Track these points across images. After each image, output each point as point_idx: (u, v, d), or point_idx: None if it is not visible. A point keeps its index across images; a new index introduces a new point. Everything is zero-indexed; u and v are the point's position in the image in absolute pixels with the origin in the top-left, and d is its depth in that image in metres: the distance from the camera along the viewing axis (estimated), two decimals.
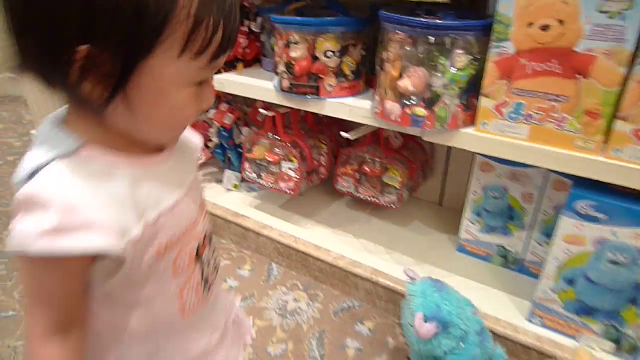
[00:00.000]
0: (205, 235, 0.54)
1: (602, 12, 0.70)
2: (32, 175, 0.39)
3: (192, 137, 0.57)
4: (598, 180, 0.80)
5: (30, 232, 0.38)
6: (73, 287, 0.43)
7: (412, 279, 0.88)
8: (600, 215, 0.82)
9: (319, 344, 1.07)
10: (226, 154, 1.55)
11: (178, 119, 0.45)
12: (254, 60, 1.40)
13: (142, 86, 0.39)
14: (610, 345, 0.92)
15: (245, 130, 1.52)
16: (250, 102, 1.52)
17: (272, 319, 1.15)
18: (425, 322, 0.78)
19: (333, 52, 1.02)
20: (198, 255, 0.52)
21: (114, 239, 0.40)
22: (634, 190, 0.79)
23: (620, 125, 0.75)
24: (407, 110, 0.90)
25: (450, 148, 1.37)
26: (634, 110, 0.73)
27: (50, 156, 0.40)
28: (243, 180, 1.53)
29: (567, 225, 0.86)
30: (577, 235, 0.86)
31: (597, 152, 0.79)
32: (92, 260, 0.42)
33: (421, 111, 0.88)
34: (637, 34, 0.69)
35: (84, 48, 0.36)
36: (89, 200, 0.39)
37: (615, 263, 0.84)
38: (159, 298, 0.49)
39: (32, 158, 0.40)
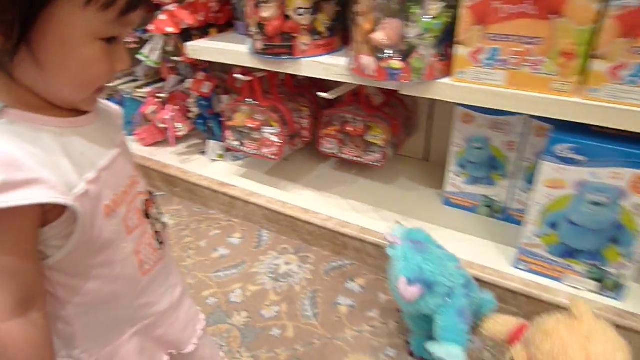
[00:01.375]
0: (149, 193, 0.55)
1: None
2: None
3: (112, 105, 0.56)
4: (576, 122, 0.79)
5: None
6: (27, 251, 0.42)
7: (392, 243, 0.88)
8: (579, 157, 0.82)
9: (312, 304, 1.09)
10: (207, 124, 1.53)
11: (88, 76, 0.43)
12: (228, 24, 1.36)
13: (47, 36, 0.38)
14: (594, 285, 0.94)
15: (225, 98, 1.49)
16: (228, 69, 1.48)
17: (264, 282, 1.16)
18: (409, 285, 0.79)
19: (305, 8, 0.99)
20: (146, 212, 0.54)
21: (59, 193, 0.40)
22: (612, 129, 0.79)
23: (596, 64, 0.74)
24: (382, 64, 0.88)
25: (433, 103, 1.36)
26: (610, 47, 0.72)
27: None
28: (227, 149, 1.52)
29: (547, 169, 0.86)
30: (558, 179, 0.86)
31: (574, 93, 0.78)
32: (40, 221, 0.42)
33: (396, 63, 0.87)
34: None
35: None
36: (28, 158, 0.39)
37: (595, 204, 0.85)
38: (118, 259, 0.49)
39: None
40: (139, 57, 1.41)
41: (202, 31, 1.29)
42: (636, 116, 0.74)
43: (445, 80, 0.88)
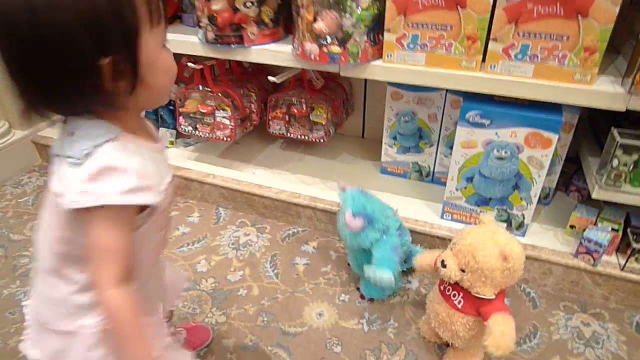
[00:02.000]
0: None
1: None
2: (90, 153, 0.51)
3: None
4: (481, 93, 0.99)
5: (113, 190, 0.51)
6: (129, 236, 0.55)
7: (343, 189, 1.05)
8: (485, 121, 1.02)
9: (272, 266, 1.23)
10: (158, 113, 1.60)
11: (171, 75, 0.58)
12: (173, 17, 1.44)
13: (145, 64, 0.51)
14: (503, 226, 1.15)
15: (173, 87, 1.57)
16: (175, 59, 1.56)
17: (227, 252, 1.28)
18: (354, 217, 0.96)
19: (252, 2, 1.11)
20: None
21: (158, 197, 0.56)
22: (509, 97, 0.99)
23: (493, 45, 0.94)
24: (324, 49, 1.03)
25: (366, 86, 1.53)
26: (502, 31, 0.92)
27: (102, 140, 0.51)
28: (178, 135, 1.60)
29: (462, 133, 1.06)
30: (470, 140, 1.06)
31: (478, 69, 0.97)
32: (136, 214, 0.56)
33: (336, 48, 1.02)
34: None
35: (106, 60, 0.48)
36: (148, 170, 0.55)
37: (500, 158, 1.06)
38: (150, 241, 0.65)
39: (81, 144, 0.51)
40: None
41: None
42: (525, 86, 0.95)
43: (377, 62, 1.05)
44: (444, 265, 0.85)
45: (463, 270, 0.84)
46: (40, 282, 0.63)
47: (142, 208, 0.57)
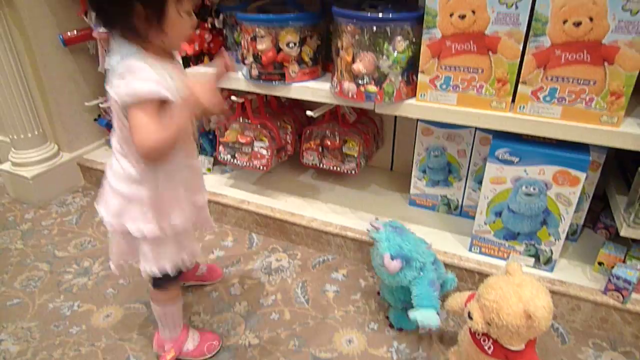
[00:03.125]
0: None
1: (501, 3, 0.93)
2: (118, 63, 0.77)
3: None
4: (510, 132, 1.04)
5: (143, 83, 0.75)
6: (158, 110, 0.77)
7: (376, 228, 1.09)
8: (514, 159, 1.07)
9: (303, 292, 1.27)
10: (198, 141, 1.69)
11: (187, 32, 0.83)
12: (218, 53, 1.54)
13: (168, 20, 0.77)
14: (532, 261, 1.18)
15: (213, 117, 1.67)
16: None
17: (259, 277, 1.33)
18: (392, 260, 1.00)
19: (294, 43, 1.20)
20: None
21: (171, 95, 0.78)
22: (537, 136, 1.04)
23: (522, 88, 0.99)
24: (361, 88, 1.10)
25: (396, 121, 1.60)
26: (531, 75, 0.97)
27: (128, 52, 0.78)
28: (215, 163, 1.69)
29: (491, 169, 1.10)
30: (499, 177, 1.10)
31: (507, 109, 1.03)
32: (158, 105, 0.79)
33: (372, 88, 1.09)
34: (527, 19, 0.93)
35: (139, 8, 0.74)
36: (160, 78, 0.78)
37: (528, 194, 1.09)
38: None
39: (116, 56, 0.78)
40: None
41: (197, 59, 1.47)
42: (553, 126, 0.99)
43: (411, 101, 1.11)
44: (470, 317, 0.88)
45: (489, 324, 0.86)
46: (113, 158, 0.88)
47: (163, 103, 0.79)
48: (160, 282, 0.97)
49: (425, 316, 0.97)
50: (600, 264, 1.15)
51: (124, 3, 0.74)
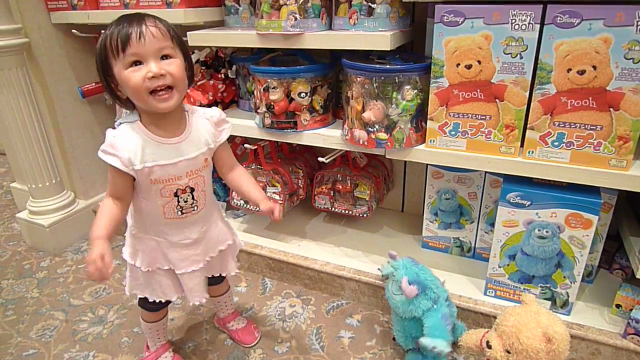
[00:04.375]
0: (186, 187, 0.93)
1: (505, 53, 0.96)
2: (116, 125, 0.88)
3: (211, 112, 0.99)
4: (520, 175, 1.06)
5: (101, 151, 0.85)
6: (115, 177, 0.87)
7: (394, 257, 1.11)
8: (525, 202, 1.08)
9: (317, 338, 1.26)
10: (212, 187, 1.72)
11: (140, 84, 0.81)
12: (231, 102, 1.60)
13: (122, 83, 0.83)
14: (548, 304, 1.17)
15: None
16: (228, 139, 1.71)
17: (273, 323, 1.33)
18: (409, 284, 1.00)
19: (305, 92, 1.25)
20: (176, 193, 0.93)
21: (122, 165, 0.85)
22: (547, 180, 1.05)
23: (530, 134, 1.02)
24: (372, 136, 1.13)
25: (406, 163, 1.62)
26: (538, 121, 1.00)
27: (123, 120, 0.88)
28: (228, 208, 1.71)
29: (503, 213, 1.11)
30: (511, 220, 1.11)
31: (517, 154, 1.05)
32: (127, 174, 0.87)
33: (383, 135, 1.12)
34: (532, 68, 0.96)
35: (110, 80, 0.85)
36: (122, 145, 0.85)
37: (541, 237, 1.10)
38: (154, 202, 0.92)
39: (118, 119, 0.91)
40: None
41: (210, 108, 1.52)
42: (562, 170, 1.01)
43: (421, 146, 1.14)
44: (489, 346, 0.88)
45: (508, 352, 0.85)
46: None
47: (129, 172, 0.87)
48: (142, 302, 1.08)
49: (436, 344, 0.96)
50: (618, 306, 1.14)
51: (103, 78, 0.86)
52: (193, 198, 0.95)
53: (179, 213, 0.95)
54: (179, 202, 0.94)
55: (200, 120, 0.95)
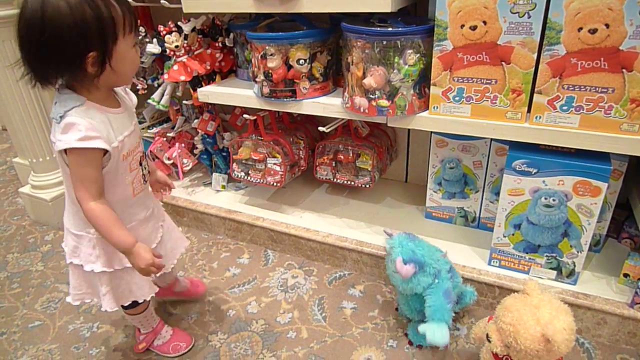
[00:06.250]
0: (143, 153, 0.96)
1: (513, 12, 0.91)
2: (62, 116, 0.78)
3: (132, 97, 0.97)
4: (527, 142, 1.02)
5: (71, 138, 0.77)
6: (97, 169, 0.83)
7: (390, 235, 1.08)
8: (532, 170, 1.04)
9: (320, 309, 1.26)
10: (212, 159, 1.70)
11: (135, 65, 0.86)
12: (229, 71, 1.56)
13: (117, 57, 0.79)
14: (553, 274, 1.14)
15: (226, 135, 1.68)
16: (228, 109, 1.68)
17: (276, 295, 1.32)
18: (405, 264, 0.98)
19: (304, 59, 1.20)
20: (140, 162, 0.95)
21: (107, 145, 0.82)
22: (554, 146, 1.01)
23: (538, 98, 0.97)
24: (373, 103, 1.09)
25: (409, 133, 1.58)
26: (546, 85, 0.95)
27: (71, 106, 0.79)
28: (229, 180, 1.69)
29: (508, 181, 1.08)
30: (517, 188, 1.08)
31: (523, 120, 1.01)
32: (101, 155, 0.82)
33: (384, 102, 1.08)
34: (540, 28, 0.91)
35: (92, 54, 0.75)
36: (96, 126, 0.80)
37: (547, 206, 1.06)
38: (123, 182, 0.90)
39: (59, 108, 0.79)
40: (149, 102, 1.59)
41: (209, 77, 1.49)
42: (571, 136, 0.97)
43: (424, 113, 1.10)
44: (489, 340, 0.86)
45: (508, 347, 0.83)
46: (66, 203, 0.94)
47: (105, 152, 0.82)
48: (128, 306, 1.06)
49: (434, 332, 0.95)
50: (625, 275, 1.11)
51: (78, 52, 0.74)
52: (147, 162, 1.00)
53: (144, 182, 0.97)
54: (142, 170, 0.96)
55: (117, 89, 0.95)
